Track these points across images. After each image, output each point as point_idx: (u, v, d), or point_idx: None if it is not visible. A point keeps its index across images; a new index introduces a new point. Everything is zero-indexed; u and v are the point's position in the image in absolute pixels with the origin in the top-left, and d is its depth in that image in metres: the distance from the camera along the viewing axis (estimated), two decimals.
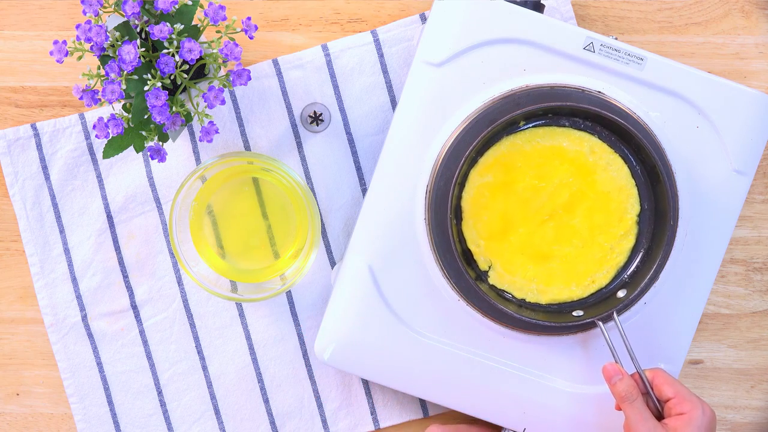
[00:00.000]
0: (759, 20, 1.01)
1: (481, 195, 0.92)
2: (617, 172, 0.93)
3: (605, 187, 0.93)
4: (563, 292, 0.93)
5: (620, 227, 0.93)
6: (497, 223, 0.93)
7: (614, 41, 0.93)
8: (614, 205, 0.93)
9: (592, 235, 0.93)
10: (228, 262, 1.00)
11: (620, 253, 0.93)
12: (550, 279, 0.93)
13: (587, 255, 0.93)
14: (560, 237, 0.93)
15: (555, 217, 0.93)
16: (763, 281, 1.03)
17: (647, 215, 0.93)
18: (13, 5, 1.02)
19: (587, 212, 0.93)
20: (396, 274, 0.94)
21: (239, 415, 1.03)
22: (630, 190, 0.93)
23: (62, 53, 0.88)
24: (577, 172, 0.93)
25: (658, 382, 0.89)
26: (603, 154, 0.93)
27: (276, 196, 1.00)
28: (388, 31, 1.01)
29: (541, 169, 0.93)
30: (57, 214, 1.02)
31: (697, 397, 0.88)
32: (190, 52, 0.86)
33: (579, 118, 0.92)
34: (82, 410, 1.03)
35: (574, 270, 0.93)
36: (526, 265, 0.93)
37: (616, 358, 0.90)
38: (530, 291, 0.93)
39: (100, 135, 0.89)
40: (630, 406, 0.87)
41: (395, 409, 1.03)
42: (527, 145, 0.93)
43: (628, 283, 0.93)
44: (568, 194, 0.93)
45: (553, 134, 0.93)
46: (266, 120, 1.02)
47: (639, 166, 0.93)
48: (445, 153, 0.93)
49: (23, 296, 1.03)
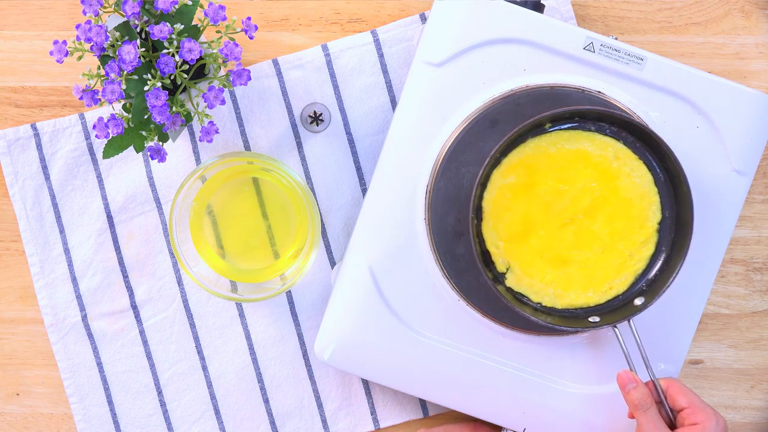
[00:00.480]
0: (759, 20, 1.01)
1: (503, 196, 0.91)
2: (641, 178, 0.91)
3: (628, 193, 0.91)
4: (580, 298, 0.92)
5: (641, 234, 0.92)
6: (518, 225, 0.91)
7: (614, 41, 0.93)
8: (636, 211, 0.92)
9: (612, 241, 0.92)
10: (228, 262, 1.00)
11: (639, 260, 0.92)
12: (568, 284, 0.92)
13: (606, 261, 0.92)
14: (580, 242, 0.92)
15: (576, 221, 0.91)
16: (763, 281, 1.03)
17: (668, 223, 0.92)
18: (13, 5, 1.02)
19: (608, 218, 0.91)
20: (396, 274, 0.94)
21: (239, 415, 1.03)
22: (652, 198, 0.92)
23: (62, 53, 0.88)
24: (600, 177, 0.91)
25: (672, 392, 0.89)
26: (627, 160, 0.91)
27: (276, 196, 1.00)
28: (388, 31, 1.01)
29: (564, 172, 0.91)
30: (57, 214, 1.02)
31: (711, 408, 0.87)
32: (190, 52, 0.86)
33: (605, 123, 0.91)
34: (82, 410, 1.03)
35: (592, 276, 0.92)
36: (544, 269, 0.92)
37: (630, 366, 0.89)
38: (547, 295, 0.92)
39: (100, 135, 0.89)
40: (643, 414, 0.87)
41: (395, 409, 1.03)
42: (552, 148, 0.91)
43: (645, 291, 0.92)
44: (590, 199, 0.91)
45: (578, 138, 0.91)
46: (266, 120, 1.02)
47: (663, 174, 0.91)
48: (445, 153, 0.93)
49: (23, 296, 1.03)
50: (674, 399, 0.88)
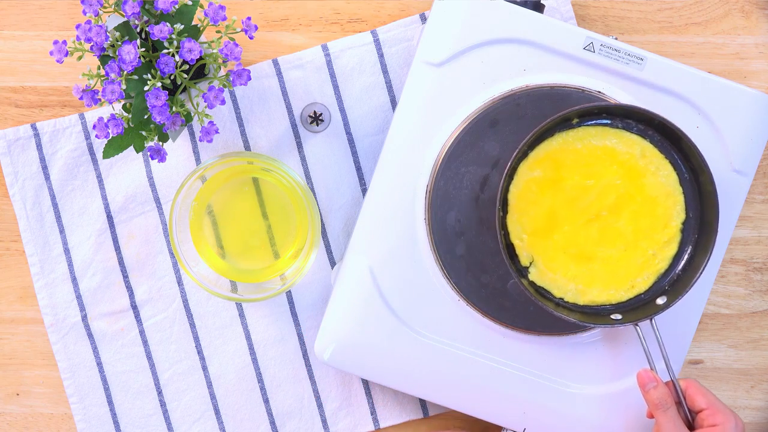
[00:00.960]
0: (759, 20, 1.01)
1: (528, 189, 0.91)
2: (666, 177, 0.92)
3: (653, 191, 0.91)
4: (602, 295, 0.92)
5: (665, 234, 0.92)
6: (542, 220, 0.91)
7: (614, 41, 0.93)
8: (661, 210, 0.92)
9: (636, 240, 0.92)
10: (228, 262, 1.00)
11: (662, 260, 0.92)
12: (590, 280, 0.92)
13: (629, 259, 0.92)
14: (604, 238, 0.92)
15: (600, 218, 0.91)
16: (763, 281, 1.03)
17: (691, 224, 0.92)
18: (13, 5, 1.02)
19: (633, 216, 0.92)
20: (396, 274, 0.94)
21: (239, 415, 1.03)
22: (677, 197, 0.92)
23: (62, 53, 0.87)
24: (626, 175, 0.91)
25: (691, 392, 0.89)
26: (653, 158, 0.91)
27: (276, 196, 1.00)
28: (388, 31, 1.01)
29: (590, 168, 0.91)
30: (57, 214, 1.02)
31: (730, 410, 0.88)
32: (190, 52, 0.86)
33: (632, 121, 0.91)
34: (82, 410, 1.03)
35: (615, 273, 0.92)
36: (567, 264, 0.92)
37: (651, 365, 0.89)
38: (569, 291, 0.92)
39: (100, 135, 0.89)
40: (663, 414, 0.87)
41: (395, 409, 1.03)
42: (579, 143, 0.91)
43: (668, 290, 0.92)
44: (615, 196, 0.91)
45: (605, 134, 0.91)
46: (266, 120, 1.02)
47: (688, 174, 0.92)
48: (445, 153, 0.93)
49: (23, 296, 1.03)
50: (693, 399, 0.88)
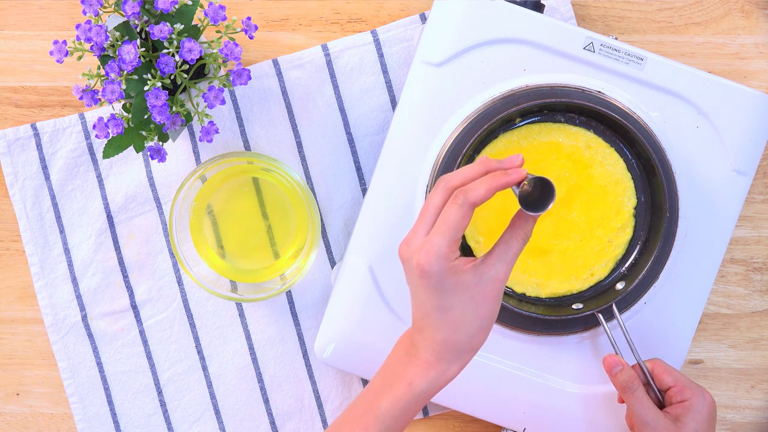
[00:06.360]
0: (759, 20, 1.01)
1: None
2: (613, 166, 0.94)
3: (602, 181, 0.94)
4: (563, 286, 0.94)
5: (618, 220, 0.94)
6: (496, 220, 0.93)
7: (614, 41, 0.93)
8: (611, 198, 0.94)
9: (590, 229, 0.94)
10: (228, 262, 1.00)
11: (618, 245, 0.94)
12: (549, 273, 0.94)
13: (586, 248, 0.94)
14: (559, 231, 0.94)
15: (553, 211, 0.94)
16: (763, 281, 1.03)
17: (644, 208, 0.94)
18: (13, 5, 1.02)
19: (585, 206, 0.94)
20: (396, 274, 0.94)
21: (239, 415, 1.03)
22: (626, 183, 0.94)
23: (62, 53, 0.88)
24: (573, 167, 0.93)
25: (657, 372, 0.91)
26: (599, 148, 0.94)
27: (276, 196, 1.00)
28: (388, 31, 1.01)
29: (538, 164, 0.93)
30: (57, 214, 1.02)
31: (697, 385, 0.90)
32: (190, 52, 0.86)
33: (574, 114, 0.93)
34: (82, 410, 1.03)
35: (573, 263, 0.94)
36: (525, 260, 0.94)
37: (616, 350, 0.91)
38: (530, 285, 0.94)
39: (100, 135, 0.89)
40: (632, 395, 0.89)
41: None
42: (524, 142, 0.93)
43: (627, 275, 0.94)
44: (565, 189, 0.94)
45: (549, 130, 0.93)
46: (266, 120, 1.02)
47: (634, 160, 0.94)
48: (445, 153, 0.93)
49: (23, 296, 1.03)
50: (660, 378, 0.90)
